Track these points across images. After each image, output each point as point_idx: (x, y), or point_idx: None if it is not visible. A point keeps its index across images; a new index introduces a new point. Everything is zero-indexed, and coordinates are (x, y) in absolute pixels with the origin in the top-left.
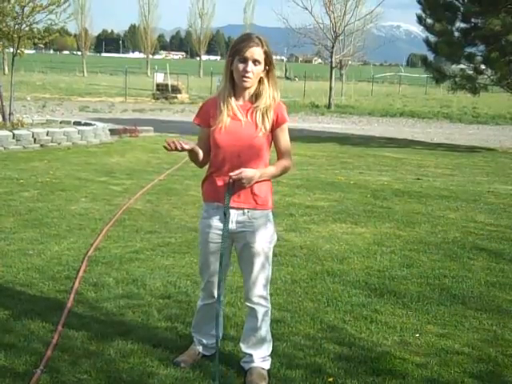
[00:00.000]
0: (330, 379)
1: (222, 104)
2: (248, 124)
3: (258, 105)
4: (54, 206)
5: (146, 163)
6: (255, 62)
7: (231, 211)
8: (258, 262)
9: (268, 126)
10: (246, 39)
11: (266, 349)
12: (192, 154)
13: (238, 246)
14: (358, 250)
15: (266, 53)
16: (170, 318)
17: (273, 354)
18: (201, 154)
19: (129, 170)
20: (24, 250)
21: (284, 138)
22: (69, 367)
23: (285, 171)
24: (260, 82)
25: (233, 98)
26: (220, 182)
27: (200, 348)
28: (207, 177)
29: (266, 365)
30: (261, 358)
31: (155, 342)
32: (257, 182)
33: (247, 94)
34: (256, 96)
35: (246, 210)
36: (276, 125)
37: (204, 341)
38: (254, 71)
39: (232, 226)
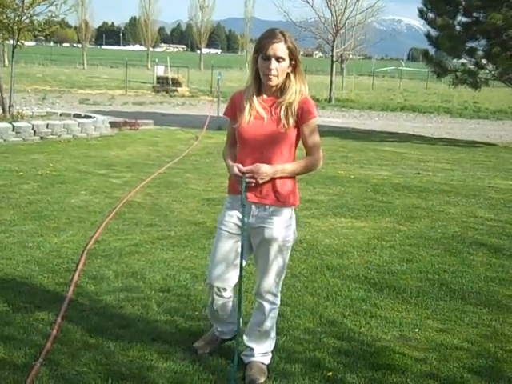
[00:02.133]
0: (329, 374)
1: (245, 102)
2: (271, 120)
3: (282, 100)
4: (54, 198)
5: (146, 156)
6: (278, 59)
7: (252, 206)
8: (273, 259)
9: (291, 121)
10: (269, 35)
11: (269, 345)
12: None
13: (255, 240)
14: (358, 244)
15: (289, 48)
16: (170, 312)
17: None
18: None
19: (129, 163)
20: (23, 242)
21: (311, 134)
22: (68, 360)
23: (311, 168)
24: (287, 76)
25: (256, 97)
26: None
27: (218, 333)
28: None
29: (266, 360)
30: (262, 353)
31: (154, 336)
32: (281, 178)
33: (274, 89)
34: (282, 91)
35: (267, 206)
36: (301, 120)
37: (219, 328)
38: (278, 68)
39: (252, 220)
